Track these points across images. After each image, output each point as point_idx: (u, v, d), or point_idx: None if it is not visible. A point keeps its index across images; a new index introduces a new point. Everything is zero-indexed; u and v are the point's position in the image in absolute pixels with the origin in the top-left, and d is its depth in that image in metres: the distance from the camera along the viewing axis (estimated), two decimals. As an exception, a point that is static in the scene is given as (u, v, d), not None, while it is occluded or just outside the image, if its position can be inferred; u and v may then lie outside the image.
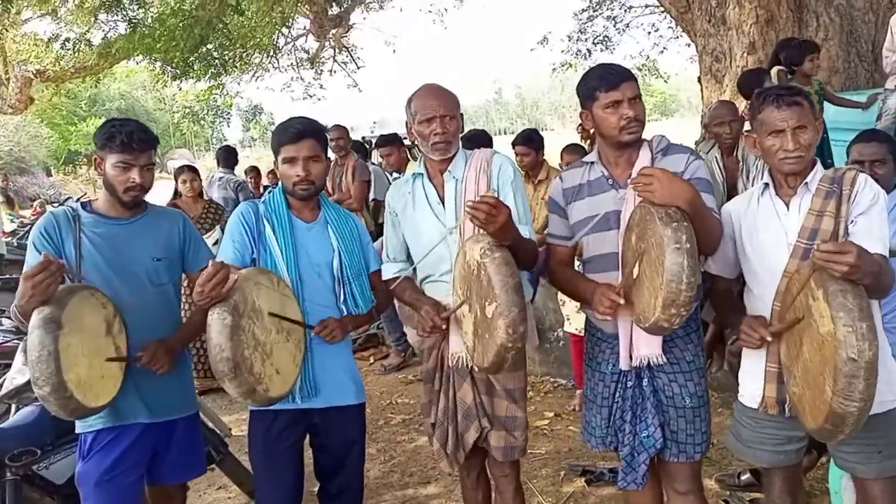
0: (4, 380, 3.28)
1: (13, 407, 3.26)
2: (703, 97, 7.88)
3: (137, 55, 11.85)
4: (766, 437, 2.28)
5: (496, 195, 2.43)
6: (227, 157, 7.68)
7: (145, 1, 11.19)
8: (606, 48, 16.16)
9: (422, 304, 2.49)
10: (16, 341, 3.99)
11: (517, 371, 2.50)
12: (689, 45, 8.07)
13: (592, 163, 2.41)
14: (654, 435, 2.31)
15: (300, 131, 2.44)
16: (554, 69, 17.41)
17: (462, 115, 2.54)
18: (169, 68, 12.26)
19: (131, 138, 2.35)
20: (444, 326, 2.40)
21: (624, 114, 2.23)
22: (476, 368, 2.41)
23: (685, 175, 2.24)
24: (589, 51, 16.25)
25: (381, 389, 5.34)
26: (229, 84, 15.24)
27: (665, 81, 23.88)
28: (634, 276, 2.13)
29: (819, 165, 2.21)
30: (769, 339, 2.13)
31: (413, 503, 3.62)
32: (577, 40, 16.26)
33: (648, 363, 2.29)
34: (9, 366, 3.68)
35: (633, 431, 2.35)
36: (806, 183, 2.17)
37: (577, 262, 3.88)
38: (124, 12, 11.13)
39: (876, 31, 6.50)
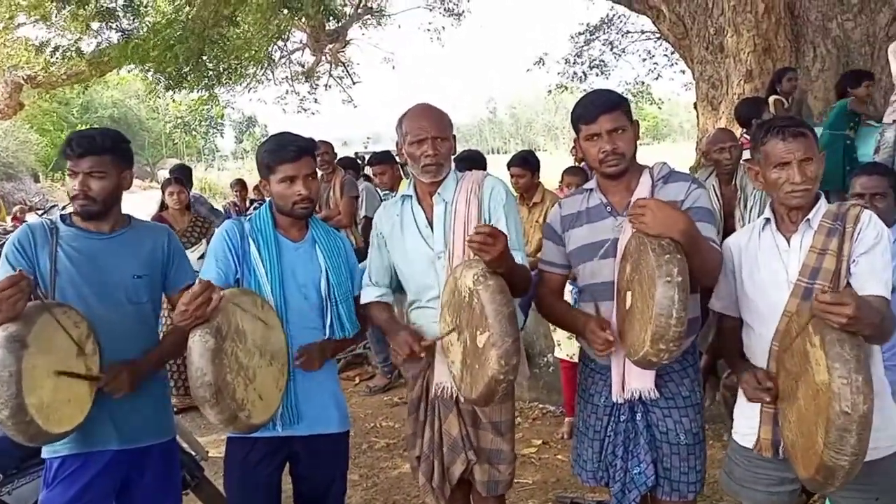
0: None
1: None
2: (698, 124, 7.89)
3: (130, 65, 11.78)
4: (759, 476, 2.21)
5: (487, 220, 2.38)
6: (181, 174, 7.52)
7: (140, 11, 11.13)
8: (602, 73, 16.23)
9: (396, 331, 2.39)
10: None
11: (505, 403, 2.41)
12: (683, 72, 8.14)
13: (591, 190, 2.36)
14: (646, 472, 2.24)
15: (300, 149, 2.36)
16: (549, 91, 17.48)
17: (455, 136, 2.47)
18: (162, 79, 12.18)
19: (69, 144, 2.25)
20: (422, 355, 2.31)
21: (601, 147, 2.20)
22: (462, 399, 2.31)
23: (686, 203, 2.19)
24: (585, 73, 16.32)
25: (366, 412, 5.22)
26: (222, 95, 15.19)
27: (659, 108, 24.03)
28: (627, 307, 2.07)
29: (823, 200, 2.15)
30: (767, 400, 2.10)
31: (395, 533, 3.51)
32: (574, 63, 16.32)
33: (640, 397, 2.22)
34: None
35: (624, 467, 2.28)
36: (808, 219, 2.10)
37: (570, 288, 3.82)
38: (118, 22, 11.06)
39: (872, 62, 6.53)
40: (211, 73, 12.72)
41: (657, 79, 16.59)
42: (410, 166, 2.44)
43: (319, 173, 5.80)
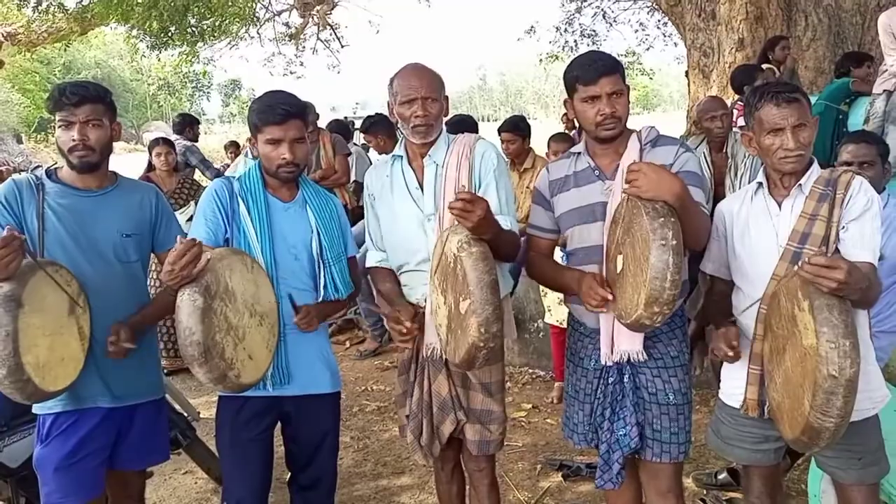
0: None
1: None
2: (689, 92, 7.85)
3: (113, 21, 11.51)
4: (744, 434, 2.27)
5: (477, 184, 2.36)
6: (181, 123, 7.46)
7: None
8: (593, 42, 16.06)
9: (393, 303, 2.41)
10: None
11: (494, 365, 2.42)
12: (676, 45, 8.05)
13: (579, 153, 2.35)
14: (630, 433, 2.25)
15: (287, 112, 2.30)
16: (541, 60, 17.27)
17: (447, 97, 2.43)
18: (146, 37, 11.95)
19: (64, 93, 2.19)
20: (415, 332, 2.33)
21: (600, 109, 2.17)
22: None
23: (674, 168, 2.17)
24: (576, 42, 16.14)
25: (357, 375, 5.24)
26: (204, 52, 14.88)
27: (650, 78, 23.89)
28: (618, 270, 2.07)
29: (815, 166, 2.15)
30: (734, 356, 2.14)
31: (386, 493, 3.54)
32: (565, 31, 16.13)
33: (629, 359, 2.22)
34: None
35: (610, 429, 2.30)
36: (800, 184, 2.11)
37: (559, 253, 3.81)
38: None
39: (863, 32, 6.51)
40: (194, 29, 12.47)
41: (648, 49, 16.51)
42: (401, 126, 2.41)
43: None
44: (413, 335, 2.35)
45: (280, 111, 2.29)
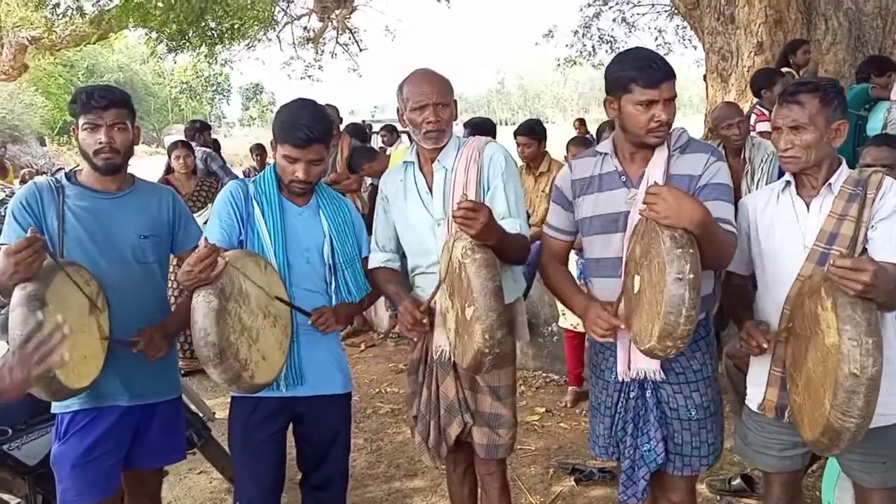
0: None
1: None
2: (707, 95, 7.81)
3: (132, 25, 11.68)
4: (772, 441, 2.24)
5: (486, 187, 2.36)
6: (191, 130, 7.53)
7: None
8: (612, 48, 16.04)
9: (401, 300, 2.41)
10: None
11: (503, 368, 2.42)
12: (695, 48, 8.03)
13: (605, 154, 2.23)
14: (656, 449, 2.20)
15: (309, 137, 2.28)
16: (559, 65, 17.27)
17: (456, 101, 2.44)
18: (165, 39, 12.10)
19: (91, 96, 2.23)
20: (424, 321, 2.31)
21: (656, 115, 2.04)
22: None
23: (703, 178, 2.09)
24: (594, 47, 16.13)
25: (371, 378, 5.27)
26: (222, 54, 15.04)
27: None
28: (636, 290, 2.01)
29: (844, 166, 2.12)
30: (765, 346, 2.08)
31: (398, 496, 3.56)
32: (583, 36, 16.12)
33: (646, 375, 2.18)
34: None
35: (634, 444, 2.24)
36: (829, 184, 2.08)
37: (575, 258, 3.77)
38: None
39: (884, 36, 6.44)
40: (213, 31, 12.62)
41: (668, 54, 16.44)
42: (412, 132, 2.42)
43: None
44: (423, 327, 2.33)
45: (302, 135, 2.28)
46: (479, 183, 2.36)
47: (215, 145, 7.35)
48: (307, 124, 2.29)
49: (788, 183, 2.18)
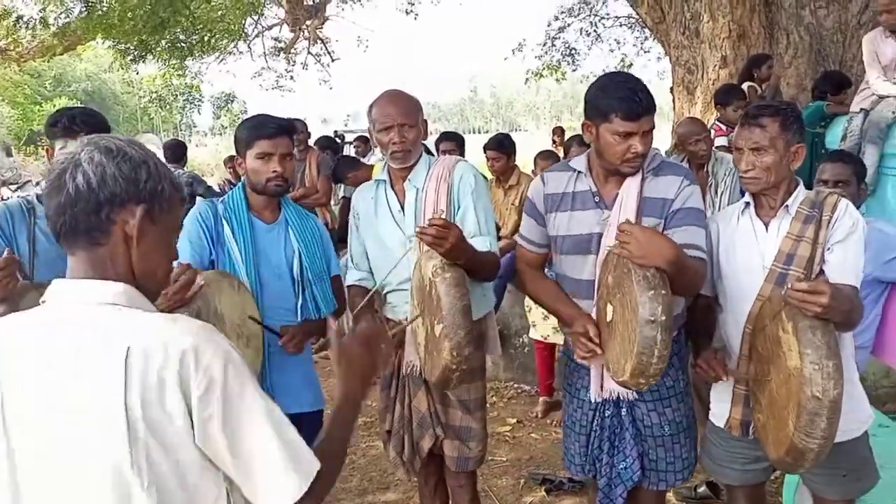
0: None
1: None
2: (674, 108, 7.96)
3: (96, 36, 11.61)
4: (735, 455, 2.30)
5: (456, 206, 2.41)
6: (176, 151, 7.43)
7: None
8: (574, 61, 16.29)
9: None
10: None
11: (473, 383, 2.47)
12: (659, 59, 8.20)
13: (580, 172, 2.23)
14: (632, 467, 2.23)
15: (279, 127, 2.38)
16: (527, 79, 17.47)
17: (425, 121, 2.49)
18: (131, 49, 12.03)
19: (73, 121, 2.26)
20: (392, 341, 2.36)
21: (633, 147, 2.05)
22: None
23: (676, 202, 2.11)
24: (559, 62, 16.33)
25: (343, 390, 5.27)
26: (192, 66, 14.98)
27: None
28: (608, 319, 2.04)
29: (801, 187, 2.19)
30: (725, 380, 2.14)
31: (371, 509, 3.59)
32: (551, 47, 16.32)
33: (619, 395, 2.22)
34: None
35: (610, 462, 2.27)
36: (786, 206, 2.15)
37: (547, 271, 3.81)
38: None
39: (843, 50, 6.62)
40: (183, 44, 12.57)
41: (629, 66, 16.70)
42: (381, 152, 2.48)
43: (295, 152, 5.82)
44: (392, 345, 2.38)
45: (271, 126, 2.37)
46: (450, 202, 2.42)
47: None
48: (272, 118, 2.42)
49: (748, 204, 2.23)
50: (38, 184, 13.52)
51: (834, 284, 1.86)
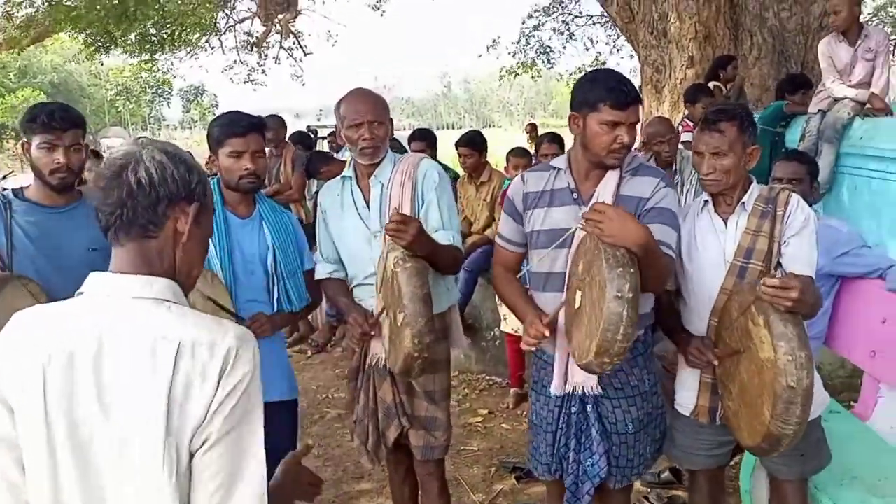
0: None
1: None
2: (642, 106, 8.11)
3: (61, 28, 11.48)
4: (702, 442, 2.39)
5: (420, 202, 2.47)
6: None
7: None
8: (549, 60, 16.43)
9: (350, 311, 2.51)
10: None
11: (438, 373, 2.54)
12: (632, 57, 8.34)
13: (560, 169, 2.27)
14: (599, 464, 2.25)
15: (250, 125, 2.43)
16: (502, 76, 17.58)
17: (391, 119, 2.56)
18: (97, 40, 11.92)
19: (52, 117, 2.28)
20: (372, 333, 2.43)
21: (619, 137, 2.09)
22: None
23: (650, 202, 2.15)
24: (534, 60, 16.47)
25: (318, 384, 5.33)
26: (163, 61, 14.85)
27: None
28: (577, 306, 2.06)
29: (755, 185, 2.29)
30: (715, 362, 2.20)
31: (346, 498, 3.65)
32: (525, 45, 16.46)
33: (584, 390, 2.24)
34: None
35: (577, 459, 2.28)
36: (743, 202, 2.25)
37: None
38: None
39: (805, 51, 6.82)
40: (153, 38, 12.48)
41: (603, 64, 16.89)
42: (349, 149, 2.53)
43: (268, 150, 5.84)
44: (370, 336, 2.45)
45: (242, 124, 2.42)
46: (414, 197, 2.48)
47: None
48: (242, 116, 2.47)
49: (706, 202, 2.34)
50: (3, 178, 13.29)
51: (801, 278, 1.96)
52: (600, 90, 2.10)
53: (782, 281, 1.90)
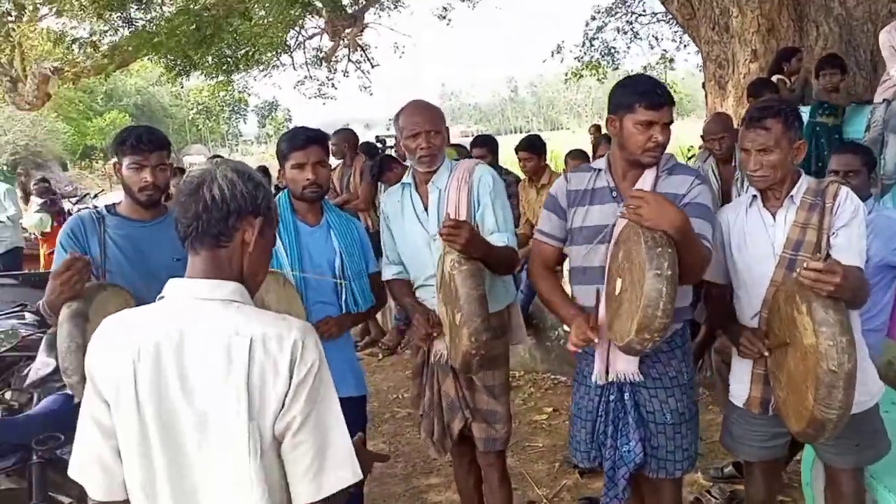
0: (30, 370, 3.49)
1: (36, 395, 3.49)
2: (707, 103, 8.02)
3: (144, 54, 12.18)
4: (753, 433, 2.44)
5: (476, 206, 2.60)
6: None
7: (151, 1, 11.52)
8: (613, 60, 16.31)
9: (414, 311, 2.67)
10: (38, 334, 4.20)
11: (497, 369, 2.67)
12: (698, 52, 8.19)
13: (600, 170, 2.39)
14: (635, 449, 2.32)
15: (308, 138, 2.63)
16: (566, 79, 17.55)
17: (447, 128, 2.70)
18: (177, 64, 12.57)
19: (140, 140, 2.51)
20: (434, 335, 2.58)
21: (653, 136, 2.21)
22: None
23: (686, 198, 2.25)
24: (598, 62, 16.36)
25: (389, 385, 5.54)
26: (239, 81, 15.52)
27: (674, 91, 24.09)
28: (617, 292, 2.16)
29: (804, 178, 2.33)
30: (766, 353, 2.26)
31: (415, 491, 3.82)
32: (590, 47, 16.39)
33: (624, 378, 2.31)
34: (32, 357, 3.91)
35: (614, 445, 2.37)
36: (791, 196, 2.30)
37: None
38: (128, 13, 11.45)
39: (874, 40, 6.58)
40: (229, 59, 13.09)
41: (672, 61, 16.65)
42: (408, 157, 2.70)
43: (335, 162, 6.09)
44: (433, 336, 2.60)
45: (302, 138, 2.63)
46: (470, 202, 2.62)
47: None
48: (303, 130, 2.68)
49: (755, 197, 2.39)
50: (95, 196, 14.19)
51: (844, 265, 1.99)
52: (635, 93, 2.23)
53: (824, 266, 1.94)
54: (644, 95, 2.21)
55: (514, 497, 3.06)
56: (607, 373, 2.34)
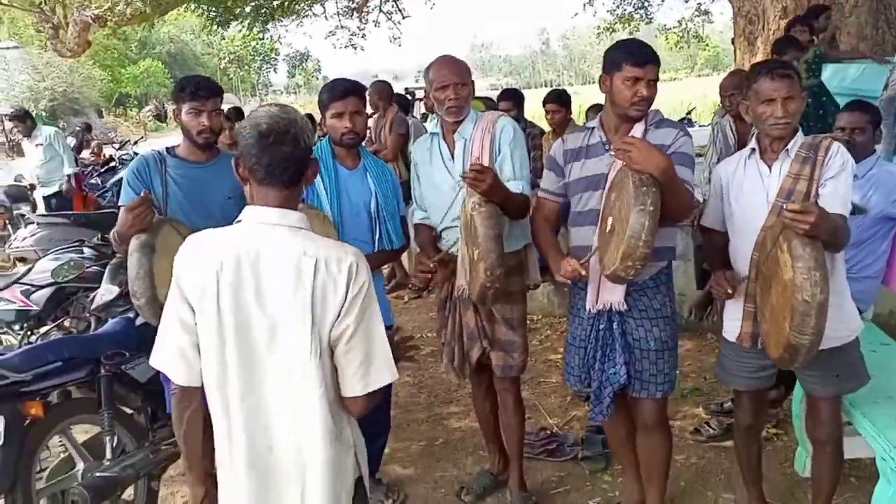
0: (95, 296, 3.86)
1: (93, 321, 3.87)
2: (735, 59, 8.05)
3: (185, 3, 12.36)
4: (742, 366, 2.70)
5: (497, 154, 2.84)
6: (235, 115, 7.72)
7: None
8: (647, 14, 16.09)
9: (426, 250, 2.96)
10: (96, 267, 4.56)
11: (514, 304, 2.94)
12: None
13: (593, 128, 2.67)
14: (619, 372, 2.60)
15: (346, 89, 2.86)
16: (598, 33, 17.36)
17: (473, 81, 2.92)
18: (216, 15, 12.74)
19: (199, 87, 2.78)
20: (434, 272, 2.86)
21: (639, 91, 2.45)
22: None
23: (671, 148, 2.49)
24: (631, 15, 16.15)
25: (414, 324, 5.86)
26: (272, 29, 15.63)
27: (704, 44, 23.56)
28: (608, 230, 2.40)
29: (800, 133, 2.53)
30: (731, 293, 2.56)
31: (437, 417, 4.17)
32: (623, 0, 16.16)
33: (611, 307, 2.58)
34: (91, 288, 4.29)
35: (601, 368, 2.64)
36: (787, 149, 2.50)
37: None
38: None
39: (908, -2, 6.60)
40: (265, 9, 13.22)
41: (706, 14, 16.35)
42: (437, 108, 2.92)
43: (371, 111, 6.31)
44: (432, 273, 2.88)
45: (340, 89, 2.86)
46: (492, 151, 2.85)
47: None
48: (341, 81, 2.92)
49: (753, 150, 2.59)
50: (135, 143, 14.57)
51: (821, 207, 2.21)
52: (623, 52, 2.50)
53: (802, 206, 2.15)
54: (631, 54, 2.46)
55: (528, 424, 3.37)
56: (597, 301, 2.60)
